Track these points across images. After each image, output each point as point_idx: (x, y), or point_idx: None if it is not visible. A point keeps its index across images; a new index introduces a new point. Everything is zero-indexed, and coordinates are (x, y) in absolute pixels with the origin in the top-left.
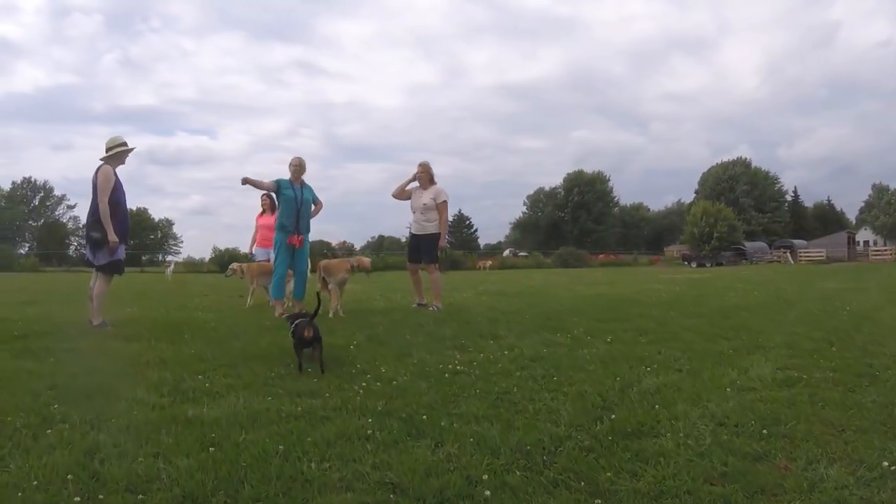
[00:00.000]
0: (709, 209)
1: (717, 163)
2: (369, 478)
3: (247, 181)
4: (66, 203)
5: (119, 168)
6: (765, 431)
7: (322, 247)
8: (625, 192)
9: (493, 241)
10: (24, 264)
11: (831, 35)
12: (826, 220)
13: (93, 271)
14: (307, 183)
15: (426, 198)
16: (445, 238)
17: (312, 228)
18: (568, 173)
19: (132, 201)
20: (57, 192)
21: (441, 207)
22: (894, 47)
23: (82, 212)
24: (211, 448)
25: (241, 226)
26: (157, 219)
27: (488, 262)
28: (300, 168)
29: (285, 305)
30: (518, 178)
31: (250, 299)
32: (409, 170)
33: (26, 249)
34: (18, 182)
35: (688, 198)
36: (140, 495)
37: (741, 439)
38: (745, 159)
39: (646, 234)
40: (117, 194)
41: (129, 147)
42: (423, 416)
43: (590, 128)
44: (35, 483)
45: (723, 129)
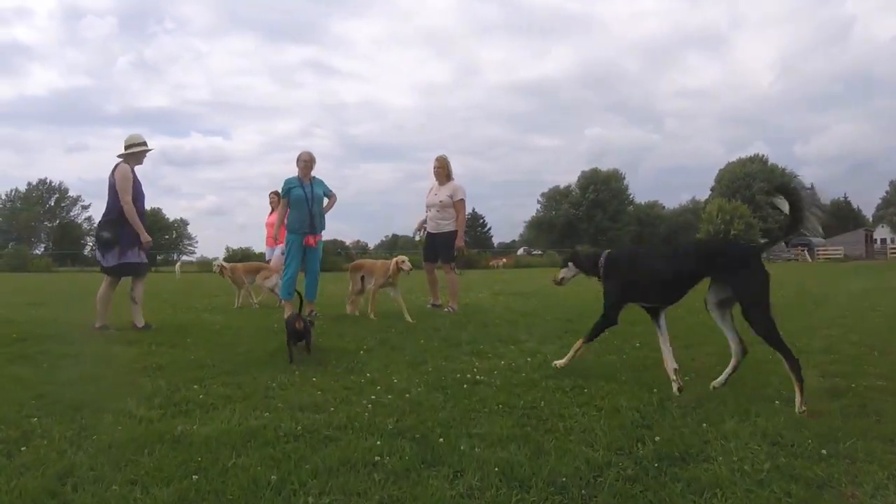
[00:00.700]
0: (724, 207)
1: (733, 160)
2: None
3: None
4: (81, 204)
5: (136, 168)
6: (824, 452)
7: (336, 246)
8: (639, 190)
9: (507, 240)
10: (38, 264)
11: (846, 30)
12: (843, 217)
13: (106, 275)
14: (317, 177)
15: (443, 195)
16: (463, 237)
17: (326, 228)
18: (583, 171)
19: (147, 202)
20: (72, 193)
21: (458, 205)
22: None
23: (97, 213)
24: (195, 475)
25: (254, 225)
26: (171, 219)
27: (502, 261)
28: (310, 163)
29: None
30: (531, 176)
31: (239, 300)
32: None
33: (41, 250)
34: (34, 183)
35: (703, 195)
36: None
37: (800, 462)
38: (761, 156)
39: (661, 232)
40: (135, 195)
41: (148, 147)
42: (440, 437)
43: (603, 125)
44: None
45: (737, 126)
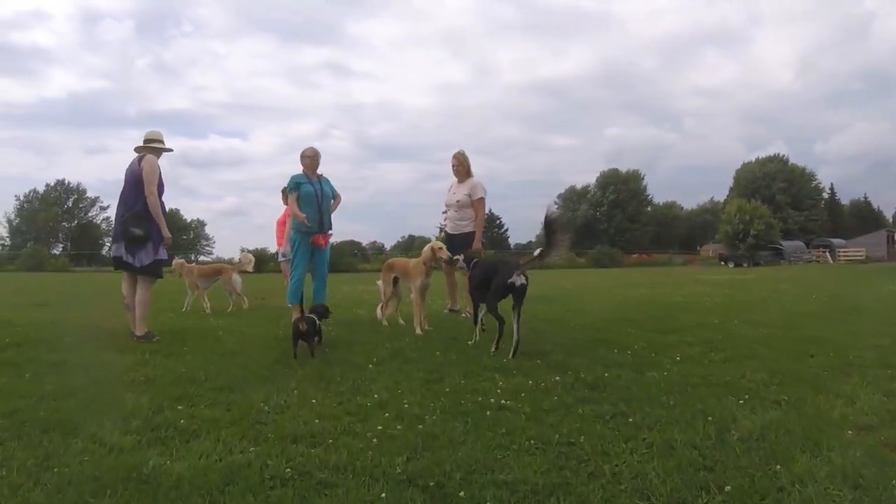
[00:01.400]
0: (744, 207)
1: (751, 159)
2: None
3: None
4: (100, 205)
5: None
6: None
7: (352, 247)
8: (657, 190)
9: (524, 241)
10: (55, 264)
11: (865, 27)
12: (863, 218)
13: (125, 275)
14: (323, 175)
15: (461, 193)
16: (481, 238)
17: (338, 228)
18: (602, 171)
19: (166, 203)
20: (90, 194)
21: (477, 204)
22: None
23: (115, 212)
24: None
25: (272, 226)
26: (189, 220)
27: (520, 262)
28: (315, 159)
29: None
30: (548, 176)
31: (188, 303)
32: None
33: (59, 250)
34: (52, 184)
35: (721, 195)
36: None
37: None
38: (781, 156)
39: (679, 233)
40: (161, 190)
41: (167, 147)
42: (459, 485)
43: (621, 124)
44: None
45: (756, 125)
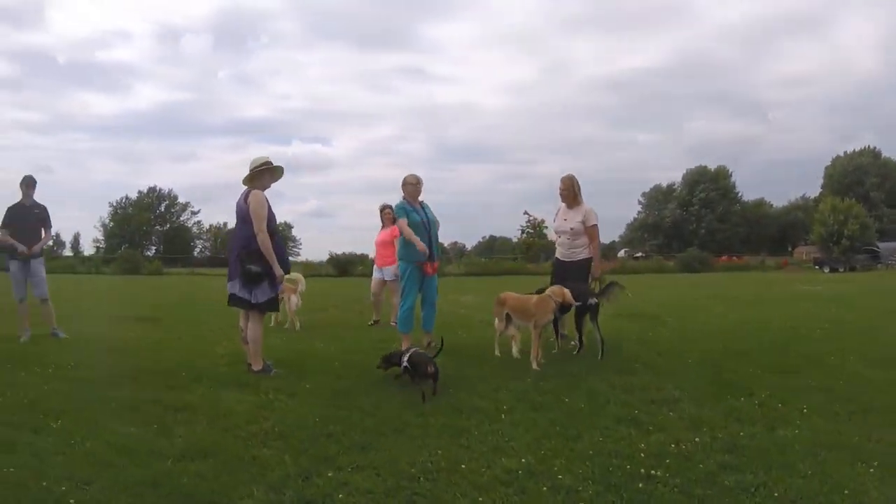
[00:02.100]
0: (838, 206)
1: (842, 153)
2: None
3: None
4: (191, 209)
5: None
6: None
7: (355, 259)
8: (744, 187)
9: (606, 241)
10: (150, 267)
11: None
12: None
13: (241, 312)
14: (424, 201)
15: (574, 221)
16: (599, 265)
17: None
18: (688, 169)
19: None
20: (181, 199)
21: (592, 231)
22: None
23: (205, 217)
24: None
25: (355, 227)
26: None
27: (607, 266)
28: (418, 186)
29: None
30: (630, 174)
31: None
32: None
33: (152, 252)
34: (145, 191)
35: (812, 191)
36: None
37: None
38: (873, 149)
39: (770, 232)
40: (270, 221)
41: (275, 165)
42: None
43: (703, 118)
44: None
45: (846, 114)
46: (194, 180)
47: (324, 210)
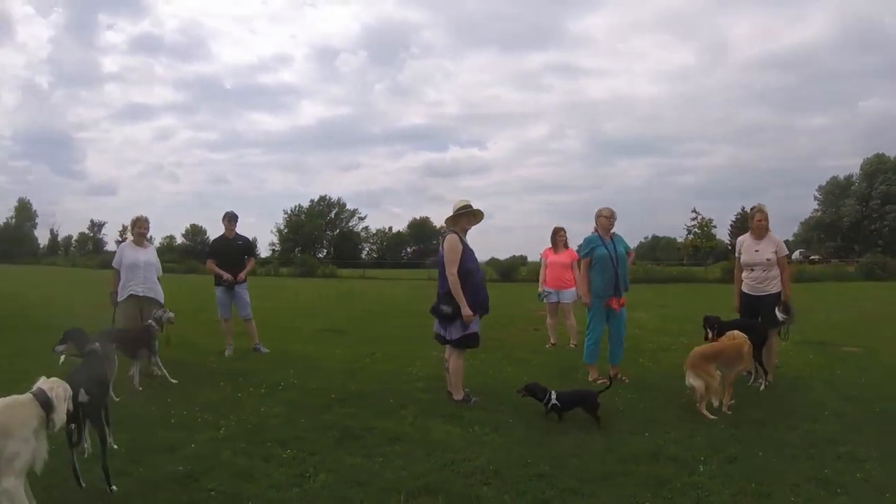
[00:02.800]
0: None
1: None
2: None
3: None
4: (358, 215)
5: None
6: None
7: (517, 262)
8: None
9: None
10: (324, 270)
11: None
12: None
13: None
14: (617, 234)
15: (767, 252)
16: (789, 293)
17: (580, 230)
18: (865, 158)
19: (416, 210)
20: (349, 206)
21: (783, 261)
22: None
23: (371, 222)
24: None
25: (515, 228)
26: (438, 226)
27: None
28: (611, 219)
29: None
30: (805, 162)
31: None
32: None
33: (323, 254)
34: (316, 199)
35: None
36: None
37: None
38: None
39: None
40: (467, 263)
41: (473, 209)
42: None
43: (880, 94)
44: None
45: None
46: (359, 188)
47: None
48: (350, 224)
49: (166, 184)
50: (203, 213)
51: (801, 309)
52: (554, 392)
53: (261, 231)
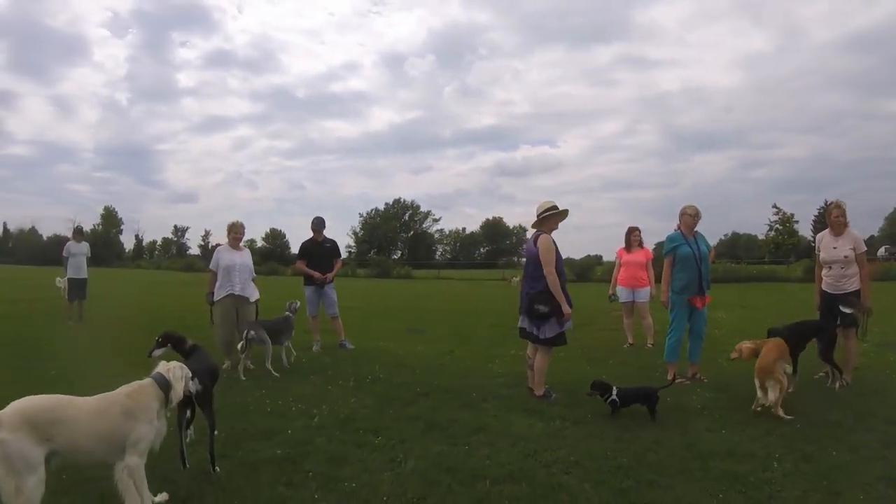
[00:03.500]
0: None
1: None
2: None
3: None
4: (432, 217)
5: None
6: None
7: (592, 261)
8: None
9: (864, 235)
10: (400, 271)
11: None
12: None
13: (541, 345)
14: (700, 232)
15: (845, 248)
16: (868, 295)
17: (659, 228)
18: None
19: (488, 210)
20: (423, 208)
21: (862, 258)
22: None
23: (445, 223)
24: None
25: (588, 226)
26: (511, 226)
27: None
28: (696, 218)
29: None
30: (887, 152)
31: None
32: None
33: (397, 256)
34: (390, 202)
35: None
36: None
37: None
38: None
39: None
40: (557, 263)
41: (560, 209)
42: None
43: None
44: None
45: None
46: (431, 190)
47: None
48: (424, 226)
49: (245, 191)
50: (281, 218)
51: (884, 309)
52: (615, 388)
53: (337, 234)
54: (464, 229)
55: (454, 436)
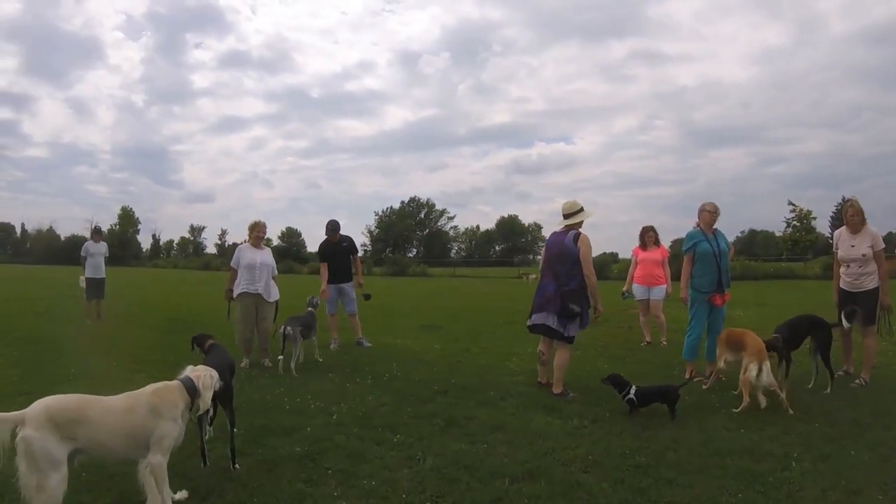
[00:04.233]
0: None
1: None
2: None
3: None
4: (447, 215)
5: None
6: None
7: (608, 259)
8: None
9: (883, 231)
10: (416, 269)
11: None
12: None
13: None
14: (718, 229)
15: (863, 246)
16: (888, 294)
17: (678, 225)
18: None
19: (503, 208)
20: (438, 206)
21: (880, 256)
22: None
23: (460, 222)
24: None
25: (601, 224)
26: (526, 223)
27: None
28: (714, 214)
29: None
30: None
31: None
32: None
33: (413, 254)
34: (406, 201)
35: None
36: None
37: None
38: None
39: None
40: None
41: (588, 212)
42: None
43: None
44: None
45: None
46: (447, 188)
47: None
48: (439, 224)
49: (261, 190)
50: (297, 217)
51: None
52: (634, 386)
53: (352, 232)
54: (479, 227)
55: (472, 433)
